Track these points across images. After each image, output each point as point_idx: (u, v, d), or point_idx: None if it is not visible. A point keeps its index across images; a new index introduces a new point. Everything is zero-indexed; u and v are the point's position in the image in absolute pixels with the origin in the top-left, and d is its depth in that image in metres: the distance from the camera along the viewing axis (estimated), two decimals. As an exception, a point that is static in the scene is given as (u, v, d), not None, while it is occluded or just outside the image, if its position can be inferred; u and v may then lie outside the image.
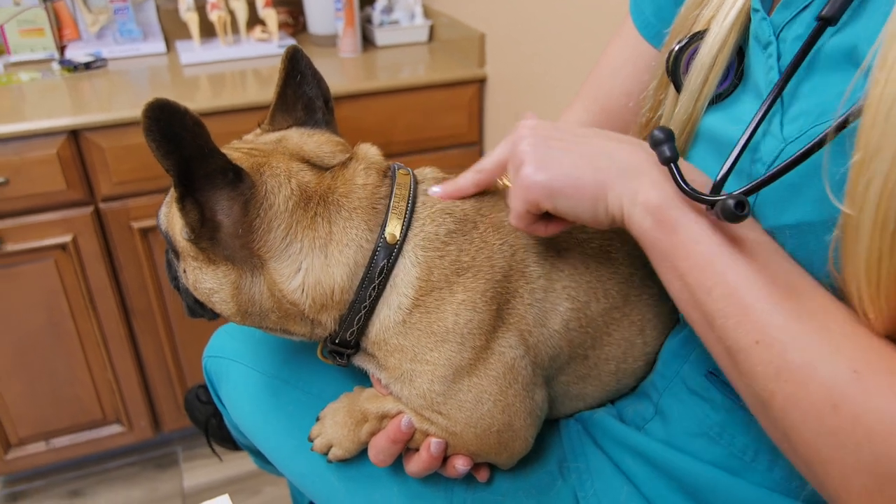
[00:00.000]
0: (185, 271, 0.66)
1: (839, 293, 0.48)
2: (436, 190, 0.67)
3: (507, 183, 0.62)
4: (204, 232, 0.61)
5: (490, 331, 0.63)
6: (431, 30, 1.96)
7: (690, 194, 0.51)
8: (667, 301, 0.73)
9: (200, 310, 0.71)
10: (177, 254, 0.67)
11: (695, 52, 0.60)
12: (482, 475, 0.70)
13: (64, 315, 1.61)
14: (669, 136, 0.53)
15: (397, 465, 0.69)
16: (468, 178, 0.66)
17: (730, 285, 0.49)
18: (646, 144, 0.59)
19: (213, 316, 0.70)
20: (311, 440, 0.74)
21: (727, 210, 0.48)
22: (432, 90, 1.70)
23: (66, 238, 1.53)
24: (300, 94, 0.71)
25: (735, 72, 0.59)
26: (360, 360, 0.68)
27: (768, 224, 0.55)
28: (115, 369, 1.71)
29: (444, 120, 1.75)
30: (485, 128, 1.80)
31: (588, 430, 0.74)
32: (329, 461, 0.72)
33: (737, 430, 0.63)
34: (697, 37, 0.61)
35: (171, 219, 0.66)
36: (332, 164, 0.67)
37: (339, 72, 1.77)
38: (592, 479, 0.70)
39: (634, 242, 0.70)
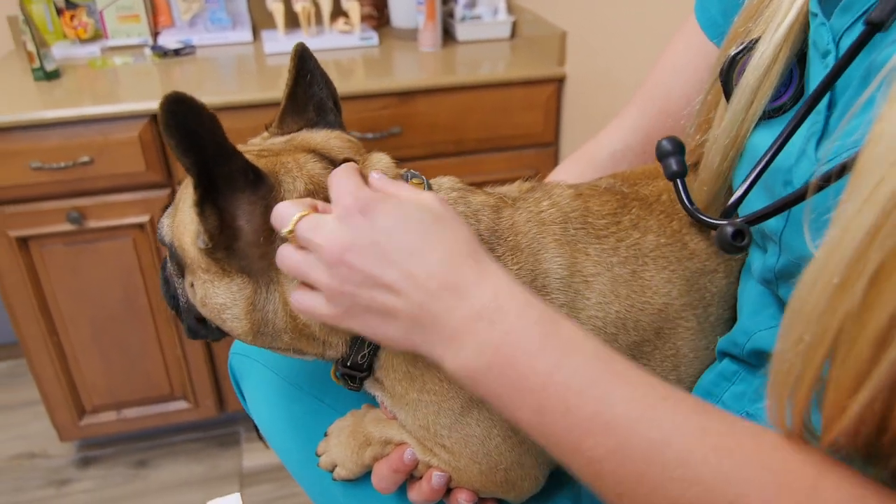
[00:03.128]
0: (192, 285, 0.63)
1: None
2: None
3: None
4: (222, 240, 0.57)
5: None
6: (514, 26, 1.91)
7: (693, 214, 0.46)
8: (705, 336, 0.67)
9: (203, 329, 0.67)
10: (181, 267, 0.63)
11: (747, 63, 0.54)
12: None
13: (139, 292, 1.68)
14: (678, 147, 0.49)
15: (403, 489, 0.66)
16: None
17: (571, 446, 0.46)
18: (435, 253, 0.51)
19: (217, 336, 0.67)
20: (318, 455, 0.72)
21: (723, 239, 0.44)
22: (509, 87, 1.66)
23: (144, 218, 1.59)
24: (310, 94, 0.68)
25: (797, 84, 0.52)
26: (368, 385, 0.65)
27: (795, 254, 0.49)
28: (185, 347, 1.77)
29: (519, 118, 1.70)
30: (561, 128, 1.74)
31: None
32: (334, 479, 0.70)
33: None
34: (753, 45, 0.54)
35: (179, 228, 0.62)
36: (341, 158, 0.63)
37: (416, 66, 1.76)
38: (605, 524, 0.65)
39: (672, 267, 0.64)
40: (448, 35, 1.94)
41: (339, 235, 0.50)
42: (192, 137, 0.51)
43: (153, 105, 1.50)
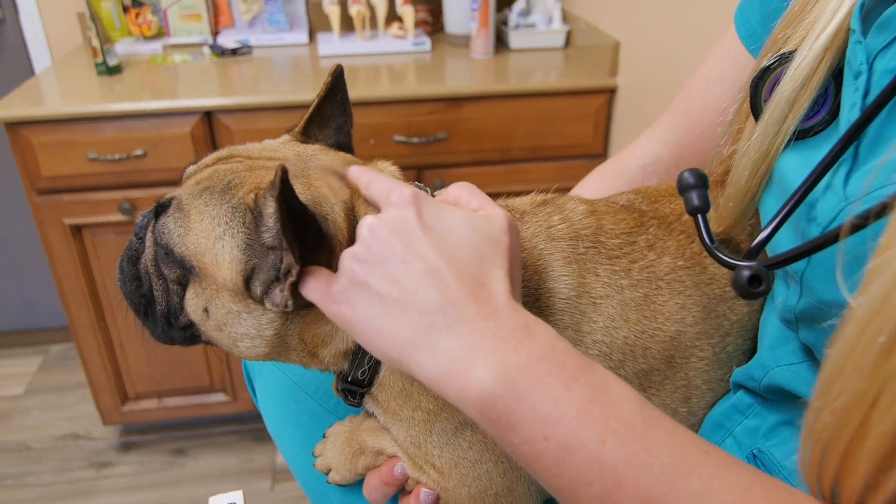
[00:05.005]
0: (206, 310, 0.57)
1: None
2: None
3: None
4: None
5: None
6: (568, 35, 1.89)
7: (713, 253, 0.44)
8: (720, 367, 0.63)
9: (180, 334, 0.62)
10: (181, 279, 0.58)
11: (782, 75, 0.51)
12: None
13: (184, 284, 1.71)
14: (701, 180, 0.46)
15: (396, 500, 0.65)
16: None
17: (602, 487, 0.39)
18: (491, 269, 0.47)
19: (190, 342, 0.63)
20: (314, 456, 0.71)
21: (739, 283, 0.41)
22: (559, 97, 1.64)
23: (193, 212, 1.62)
24: (335, 113, 0.67)
25: (832, 103, 0.49)
26: (365, 400, 0.63)
27: (816, 297, 0.45)
28: (226, 341, 1.80)
29: (568, 128, 1.68)
30: (610, 140, 1.71)
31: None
32: (328, 483, 0.69)
33: None
34: (787, 57, 0.51)
35: (203, 250, 0.55)
36: None
37: (467, 72, 1.75)
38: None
39: (689, 292, 0.61)
40: (501, 43, 1.93)
41: (408, 201, 0.48)
42: (298, 214, 0.49)
43: (206, 102, 1.53)
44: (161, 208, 0.59)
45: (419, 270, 0.45)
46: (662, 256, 0.62)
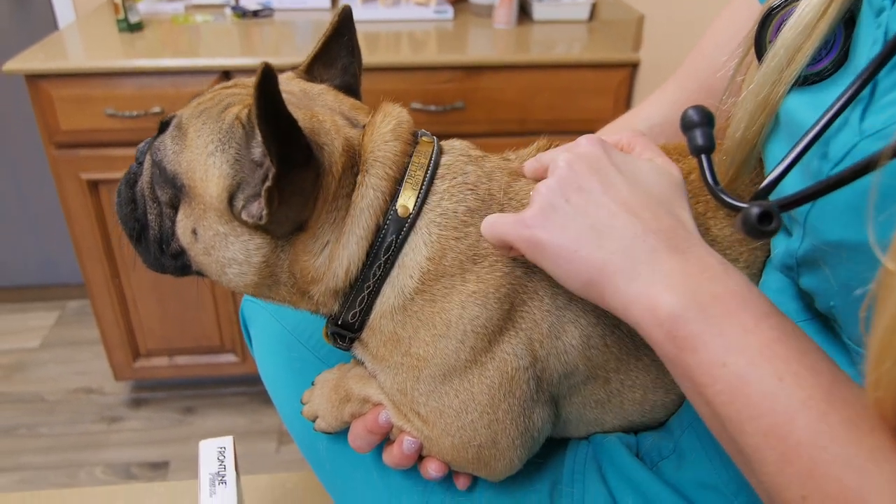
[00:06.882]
0: (193, 232, 0.57)
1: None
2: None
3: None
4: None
5: (496, 332, 0.55)
6: (593, 8, 1.86)
7: (717, 194, 0.42)
8: None
9: (171, 262, 0.62)
10: (174, 201, 0.58)
11: (788, 17, 0.48)
12: (462, 482, 0.64)
13: (198, 244, 1.73)
14: (706, 118, 0.44)
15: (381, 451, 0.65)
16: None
17: (771, 421, 0.39)
18: (681, 210, 0.49)
19: (181, 273, 0.63)
20: (303, 403, 0.71)
21: (748, 221, 0.39)
22: (579, 70, 1.61)
23: (208, 172, 1.63)
24: (342, 54, 0.66)
25: (841, 47, 0.47)
26: (354, 346, 0.62)
27: (820, 239, 0.44)
28: (237, 302, 1.81)
29: (588, 102, 1.66)
30: (631, 116, 1.68)
31: (596, 454, 0.65)
32: (315, 430, 0.69)
33: (754, 497, 0.51)
34: None
35: (194, 166, 0.56)
36: (363, 123, 0.61)
37: (487, 42, 1.73)
38: (584, 511, 0.61)
39: None
40: (525, 14, 1.90)
41: (597, 142, 0.52)
42: (282, 115, 0.49)
43: (224, 61, 1.53)
44: (163, 127, 0.60)
45: (618, 201, 0.48)
46: None
